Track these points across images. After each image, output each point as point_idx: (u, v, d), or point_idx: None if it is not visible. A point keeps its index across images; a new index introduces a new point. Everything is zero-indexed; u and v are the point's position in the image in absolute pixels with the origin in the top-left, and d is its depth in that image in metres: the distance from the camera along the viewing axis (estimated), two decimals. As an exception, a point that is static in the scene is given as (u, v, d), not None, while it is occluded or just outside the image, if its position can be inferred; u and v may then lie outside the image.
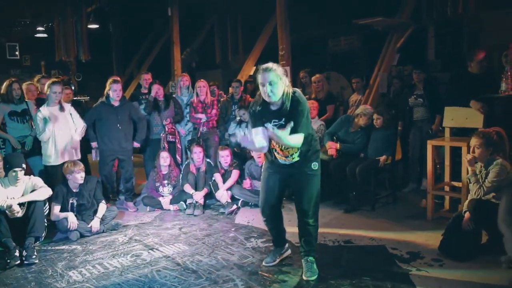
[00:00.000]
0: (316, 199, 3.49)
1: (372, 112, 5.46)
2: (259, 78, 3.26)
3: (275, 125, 3.27)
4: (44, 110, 5.15)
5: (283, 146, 3.35)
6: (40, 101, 5.56)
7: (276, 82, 3.20)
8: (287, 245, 3.87)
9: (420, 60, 7.36)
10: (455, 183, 4.77)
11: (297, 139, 3.23)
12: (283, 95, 3.24)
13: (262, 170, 3.71)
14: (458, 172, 4.65)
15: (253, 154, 5.61)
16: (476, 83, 4.77)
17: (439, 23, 7.17)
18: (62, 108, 5.24)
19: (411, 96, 5.87)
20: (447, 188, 4.89)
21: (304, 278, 3.44)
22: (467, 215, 3.76)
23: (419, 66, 6.04)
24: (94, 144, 5.65)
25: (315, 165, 3.44)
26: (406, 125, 6.03)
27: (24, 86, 5.67)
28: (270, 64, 3.25)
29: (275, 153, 3.44)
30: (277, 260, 3.74)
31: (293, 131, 3.19)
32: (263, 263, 3.73)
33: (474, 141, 3.94)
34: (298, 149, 3.35)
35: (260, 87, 3.28)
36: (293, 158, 3.40)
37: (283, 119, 3.27)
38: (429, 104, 5.71)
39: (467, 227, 3.71)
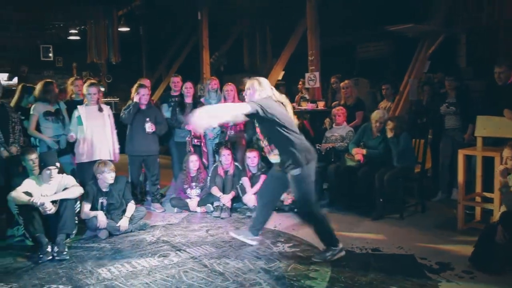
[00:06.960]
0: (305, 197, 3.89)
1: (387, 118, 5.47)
2: None
3: None
4: (81, 109, 5.35)
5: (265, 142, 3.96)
6: (70, 103, 5.70)
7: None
8: (260, 238, 4.28)
9: (450, 67, 7.25)
10: (487, 194, 4.66)
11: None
12: None
13: None
14: (491, 183, 4.55)
15: None
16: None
17: (470, 30, 7.04)
18: (100, 109, 5.43)
19: (443, 104, 5.75)
20: (478, 199, 4.79)
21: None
22: (500, 227, 3.68)
23: (451, 73, 5.93)
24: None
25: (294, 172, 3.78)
26: (437, 133, 5.94)
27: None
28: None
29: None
30: (240, 237, 4.23)
31: None
32: (230, 233, 4.38)
33: (506, 152, 3.86)
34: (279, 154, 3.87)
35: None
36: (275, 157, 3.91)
37: None
38: (461, 113, 5.60)
39: (500, 240, 3.63)
